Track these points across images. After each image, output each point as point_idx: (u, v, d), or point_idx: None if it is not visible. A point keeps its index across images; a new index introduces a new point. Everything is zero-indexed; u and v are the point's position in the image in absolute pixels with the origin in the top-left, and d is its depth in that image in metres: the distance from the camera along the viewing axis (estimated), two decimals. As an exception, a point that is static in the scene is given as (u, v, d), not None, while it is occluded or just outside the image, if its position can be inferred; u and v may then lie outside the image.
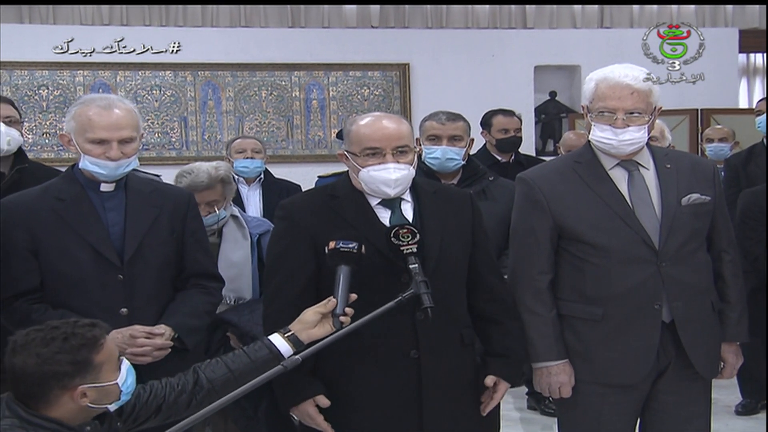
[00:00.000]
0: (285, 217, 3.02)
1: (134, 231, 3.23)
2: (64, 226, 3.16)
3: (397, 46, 9.40)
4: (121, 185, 3.28)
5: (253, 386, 2.35)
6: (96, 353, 2.37)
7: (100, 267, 3.16)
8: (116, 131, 3.16)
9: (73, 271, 3.14)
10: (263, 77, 9.17)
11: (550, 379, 3.20)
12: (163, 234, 3.30)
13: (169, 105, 8.98)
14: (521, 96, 9.29)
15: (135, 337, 3.12)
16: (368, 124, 2.95)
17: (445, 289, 2.86)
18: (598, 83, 3.15)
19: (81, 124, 3.18)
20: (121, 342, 3.07)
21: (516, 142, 6.07)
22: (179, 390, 2.62)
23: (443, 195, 3.13)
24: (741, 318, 3.32)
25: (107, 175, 3.19)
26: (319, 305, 2.71)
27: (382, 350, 2.89)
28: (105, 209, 3.23)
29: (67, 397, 2.34)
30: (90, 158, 3.17)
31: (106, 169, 3.17)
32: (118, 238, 3.21)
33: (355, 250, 2.72)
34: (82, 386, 2.33)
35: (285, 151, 9.18)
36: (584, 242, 3.13)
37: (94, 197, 3.23)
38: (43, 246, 3.15)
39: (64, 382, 2.32)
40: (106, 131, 3.15)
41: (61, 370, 2.31)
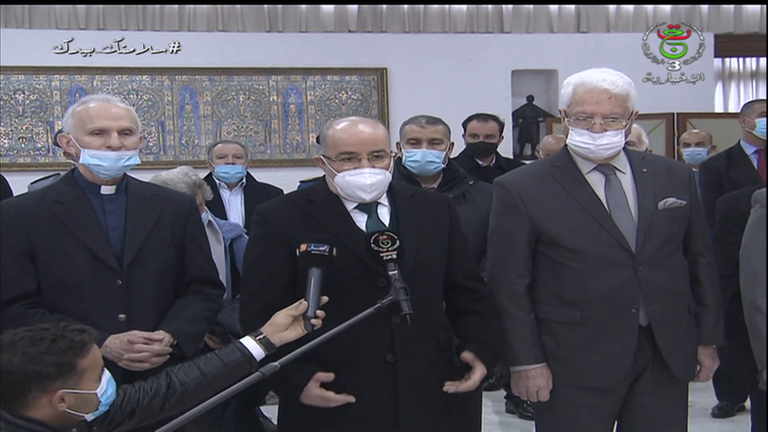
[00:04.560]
0: (262, 222, 3.02)
1: (134, 235, 3.19)
2: (62, 229, 3.12)
3: (374, 50, 9.41)
4: (121, 188, 3.25)
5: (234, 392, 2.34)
6: (81, 358, 2.36)
7: (98, 272, 3.12)
8: (116, 121, 3.15)
9: (70, 275, 3.10)
10: (241, 81, 9.14)
11: (528, 382, 3.21)
12: (163, 239, 3.27)
13: (146, 109, 8.93)
14: (498, 100, 9.30)
15: (133, 343, 3.09)
16: (344, 129, 2.95)
17: (421, 293, 2.85)
18: (575, 87, 3.16)
19: (80, 119, 3.16)
20: (118, 347, 3.06)
21: (484, 148, 5.98)
22: (152, 394, 2.62)
23: (420, 199, 3.13)
24: (717, 321, 3.34)
25: (108, 167, 3.15)
26: (290, 308, 2.71)
27: (358, 355, 2.89)
28: (105, 213, 3.20)
29: (45, 400, 2.33)
30: (90, 151, 3.14)
31: (107, 161, 3.13)
32: (118, 242, 3.17)
33: (326, 253, 2.72)
34: (62, 390, 2.32)
35: (263, 155, 9.15)
36: (561, 246, 3.14)
37: (94, 200, 3.20)
38: (41, 250, 3.11)
39: (45, 384, 2.31)
40: (106, 120, 3.14)
41: (44, 371, 2.30)
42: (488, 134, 5.99)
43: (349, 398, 2.86)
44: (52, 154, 8.67)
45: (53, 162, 8.49)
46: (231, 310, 4.02)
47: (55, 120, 8.60)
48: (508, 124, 8.83)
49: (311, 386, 2.85)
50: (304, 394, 2.86)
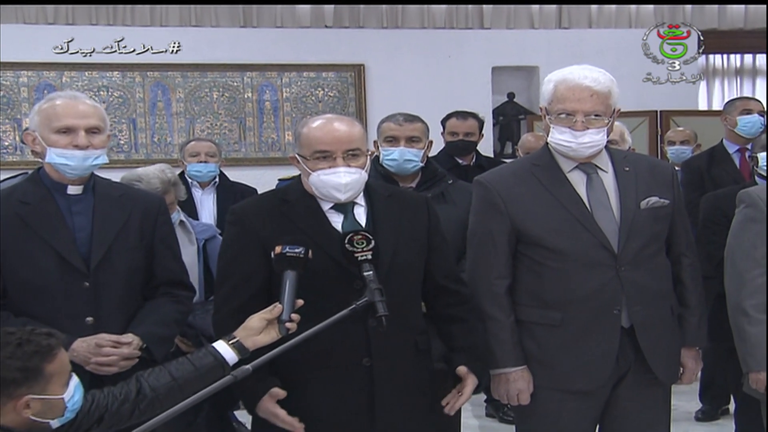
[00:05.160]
0: (235, 222, 3.01)
1: (102, 236, 3.17)
2: (27, 230, 3.09)
3: (351, 46, 9.39)
4: (88, 188, 3.22)
5: (205, 395, 2.33)
6: (48, 363, 2.34)
7: (65, 274, 3.09)
8: (83, 119, 3.13)
9: (36, 277, 3.08)
10: (214, 78, 9.10)
11: (509, 385, 3.21)
12: (132, 240, 3.24)
13: (117, 106, 8.87)
14: (479, 97, 9.31)
15: (101, 346, 3.07)
16: (319, 127, 2.95)
17: (398, 294, 2.85)
18: (556, 85, 3.16)
19: (46, 116, 3.13)
20: (86, 351, 3.04)
21: (463, 146, 6.00)
22: (122, 399, 2.59)
23: (398, 199, 3.13)
24: (700, 323, 3.35)
25: (75, 167, 3.12)
26: (264, 311, 2.70)
27: (333, 359, 2.88)
28: (71, 213, 3.17)
29: (10, 406, 2.31)
30: (56, 150, 3.11)
31: (74, 160, 3.11)
32: (85, 243, 3.15)
33: (301, 255, 2.71)
34: (28, 396, 2.30)
35: (237, 153, 9.13)
36: (542, 246, 3.15)
37: (61, 200, 3.17)
38: (6, 251, 3.07)
39: (11, 389, 2.29)
40: (73, 118, 3.11)
41: (9, 376, 2.28)
42: (468, 132, 6.00)
43: (298, 426, 2.86)
44: (19, 152, 8.60)
45: (21, 160, 8.42)
46: (204, 313, 4.01)
47: (22, 117, 8.52)
48: (488, 122, 8.84)
49: (266, 400, 2.86)
50: (258, 406, 2.87)
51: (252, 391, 2.86)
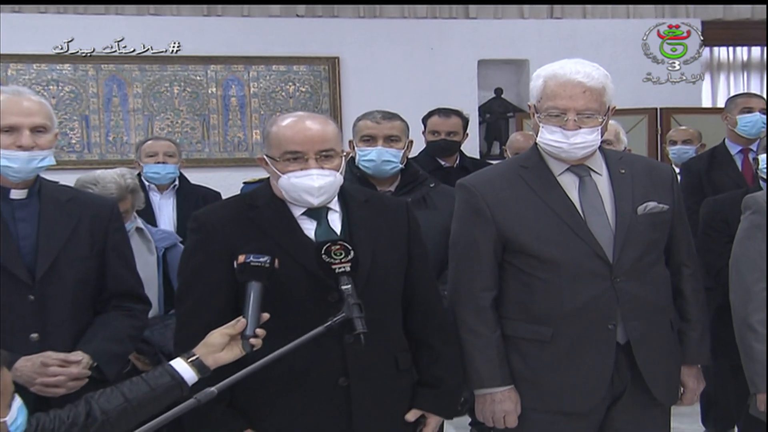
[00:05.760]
0: (198, 230, 3.00)
1: (48, 245, 3.16)
2: None
3: (325, 37, 9.38)
4: (34, 192, 3.21)
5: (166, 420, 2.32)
6: None
7: (7, 286, 3.06)
8: (27, 117, 3.12)
9: None
10: (175, 71, 9.08)
11: (494, 407, 3.21)
12: (81, 248, 3.23)
13: (69, 102, 8.83)
14: (463, 93, 9.32)
15: (47, 365, 3.05)
16: (289, 126, 2.95)
17: (377, 308, 2.84)
18: (546, 80, 3.18)
19: None
20: (30, 371, 3.02)
21: (446, 146, 5.99)
22: (70, 423, 2.58)
23: (376, 204, 3.13)
24: (702, 338, 3.36)
25: (18, 169, 3.11)
26: (226, 326, 2.68)
27: (307, 379, 2.87)
28: (15, 220, 3.15)
29: None
30: None
31: (18, 162, 3.10)
32: (30, 252, 3.13)
33: (267, 265, 2.71)
34: None
35: (200, 154, 9.11)
36: (531, 255, 3.16)
37: (3, 206, 3.15)
38: None
39: None
40: (16, 116, 3.10)
41: None
42: (451, 131, 5.99)
43: None
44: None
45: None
46: (163, 328, 4.00)
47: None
48: (474, 120, 8.86)
49: None
50: None
51: (216, 428, 2.85)
